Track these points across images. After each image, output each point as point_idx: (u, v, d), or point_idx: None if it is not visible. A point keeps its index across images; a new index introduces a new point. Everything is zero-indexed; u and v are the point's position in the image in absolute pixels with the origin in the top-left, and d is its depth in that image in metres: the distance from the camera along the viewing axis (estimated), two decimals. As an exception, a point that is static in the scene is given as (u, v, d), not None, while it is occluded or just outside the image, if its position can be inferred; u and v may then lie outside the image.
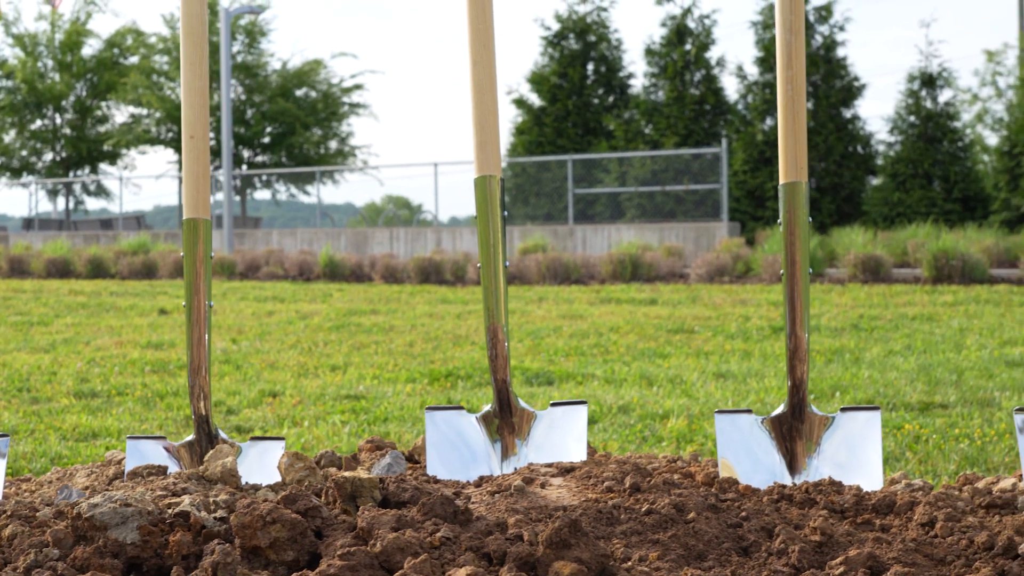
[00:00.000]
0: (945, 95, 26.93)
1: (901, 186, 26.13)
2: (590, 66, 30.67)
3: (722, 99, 28.69)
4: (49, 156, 39.45)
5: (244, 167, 37.25)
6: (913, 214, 25.36)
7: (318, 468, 3.22)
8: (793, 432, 3.34)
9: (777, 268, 15.22)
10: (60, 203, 39.56)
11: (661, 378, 7.18)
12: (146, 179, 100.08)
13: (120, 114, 40.04)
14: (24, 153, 39.20)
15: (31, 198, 39.10)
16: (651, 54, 29.09)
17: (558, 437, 3.46)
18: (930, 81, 26.70)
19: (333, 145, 37.97)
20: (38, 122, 39.13)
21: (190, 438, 3.49)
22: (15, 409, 6.32)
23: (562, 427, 3.47)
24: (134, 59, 38.65)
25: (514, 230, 24.96)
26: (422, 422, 5.68)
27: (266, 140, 37.08)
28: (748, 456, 3.31)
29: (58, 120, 39.11)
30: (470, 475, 3.36)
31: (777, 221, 2.98)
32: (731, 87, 54.48)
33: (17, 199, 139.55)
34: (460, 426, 3.46)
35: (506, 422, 3.48)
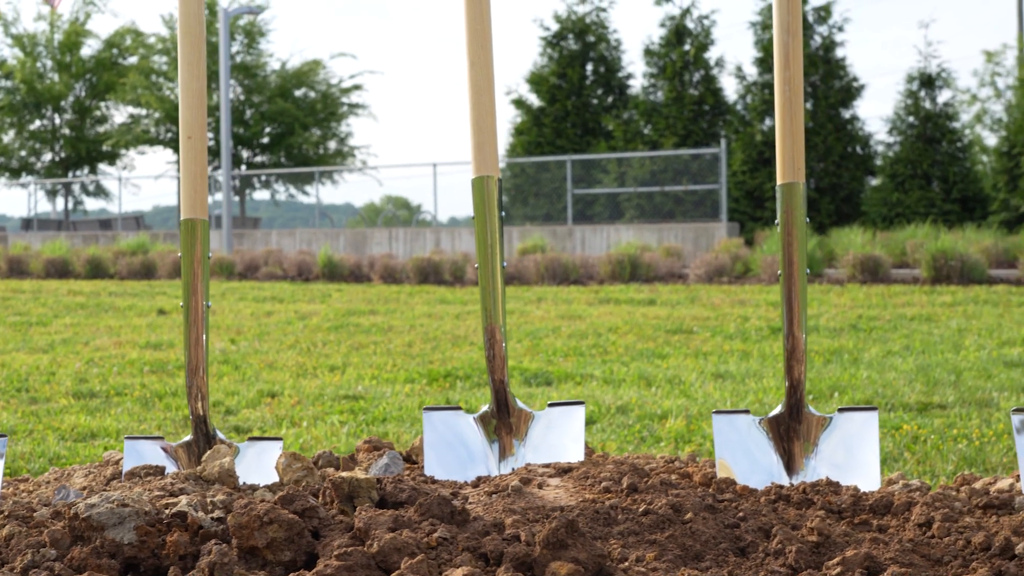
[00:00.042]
0: (944, 96, 26.97)
1: (900, 186, 26.14)
2: (589, 66, 30.67)
3: (721, 99, 28.69)
4: (48, 156, 39.46)
5: (243, 167, 37.25)
6: (912, 214, 25.36)
7: (316, 468, 3.22)
8: (791, 432, 3.34)
9: (776, 268, 15.22)
10: (59, 203, 39.61)
11: (659, 378, 7.18)
12: (145, 179, 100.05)
13: (119, 114, 40.09)
14: (23, 153, 39.21)
15: (30, 198, 39.21)
16: (650, 54, 29.09)
17: (555, 438, 3.46)
18: (929, 82, 26.71)
19: (332, 145, 37.98)
20: (37, 122, 39.13)
21: (188, 438, 3.49)
22: (13, 409, 6.32)
23: (560, 427, 3.47)
24: (133, 59, 38.67)
25: (513, 230, 24.95)
26: (420, 422, 5.68)
27: (265, 140, 37.08)
28: (746, 457, 3.31)
29: (57, 120, 39.11)
30: (467, 475, 3.36)
31: (776, 221, 2.98)
32: (730, 87, 54.46)
33: (16, 199, 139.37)
34: (458, 426, 3.46)
35: (504, 422, 3.48)
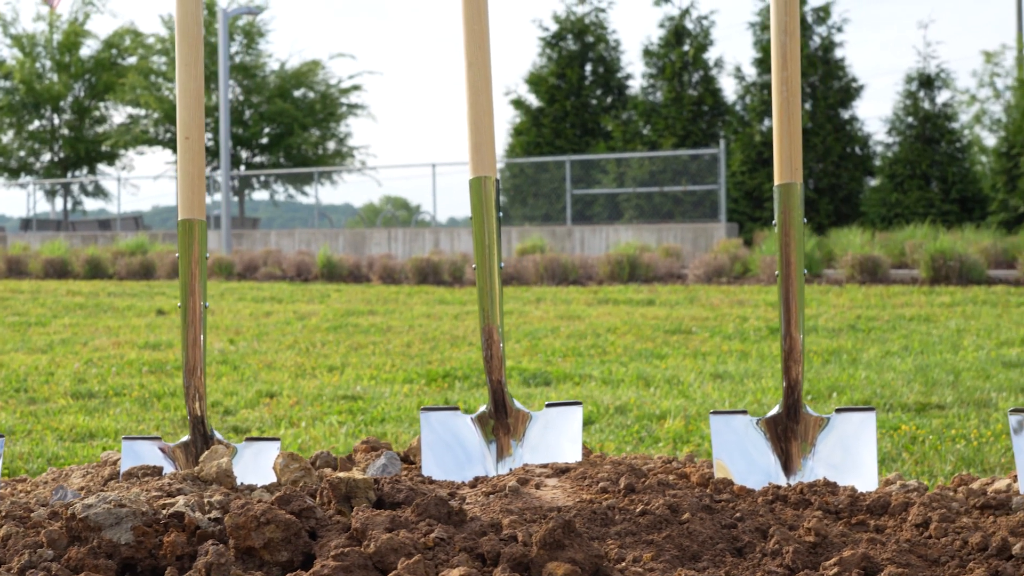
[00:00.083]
0: (943, 96, 26.96)
1: (899, 187, 26.14)
2: (588, 67, 30.67)
3: (720, 100, 28.68)
4: (47, 156, 39.46)
5: (242, 168, 37.25)
6: (911, 215, 25.36)
7: (313, 469, 3.22)
8: (788, 433, 3.34)
9: (775, 269, 15.22)
10: (58, 203, 39.61)
11: (658, 379, 7.18)
12: (144, 180, 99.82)
13: (118, 115, 40.11)
14: (22, 154, 39.21)
15: (29, 199, 39.12)
16: (649, 55, 29.09)
17: (553, 438, 3.46)
18: (928, 82, 26.71)
19: (331, 146, 37.98)
20: (36, 123, 39.13)
21: (186, 439, 3.49)
22: (12, 409, 6.32)
23: (557, 428, 3.47)
24: (132, 60, 38.67)
25: (512, 231, 24.95)
26: (419, 423, 5.67)
27: (264, 141, 37.08)
28: (743, 457, 3.31)
29: (56, 121, 39.11)
30: (465, 476, 3.36)
31: (774, 222, 2.98)
32: (729, 88, 54.52)
33: (15, 199, 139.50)
34: (455, 427, 3.46)
35: (501, 423, 3.48)
